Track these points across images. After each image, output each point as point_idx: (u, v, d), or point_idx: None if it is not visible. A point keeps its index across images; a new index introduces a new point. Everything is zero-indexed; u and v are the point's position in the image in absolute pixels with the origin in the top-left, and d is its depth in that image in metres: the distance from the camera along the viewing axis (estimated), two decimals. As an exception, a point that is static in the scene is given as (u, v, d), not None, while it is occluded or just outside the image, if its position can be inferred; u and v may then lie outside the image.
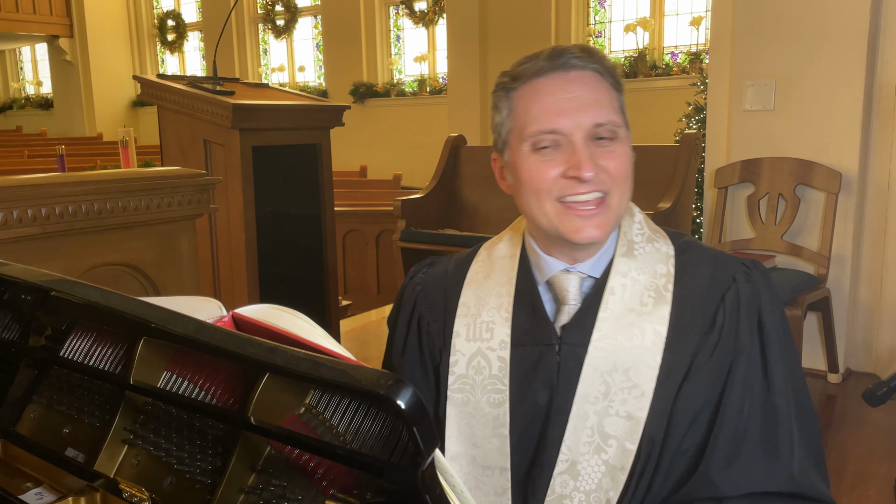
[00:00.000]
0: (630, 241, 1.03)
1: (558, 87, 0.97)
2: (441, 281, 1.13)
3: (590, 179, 0.95)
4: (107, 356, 0.82)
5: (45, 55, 12.20)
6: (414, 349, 1.12)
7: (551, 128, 0.96)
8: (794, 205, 3.28)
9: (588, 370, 0.97)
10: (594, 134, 0.96)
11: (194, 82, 3.06)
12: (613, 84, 0.99)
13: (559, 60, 0.97)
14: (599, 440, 0.96)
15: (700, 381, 0.96)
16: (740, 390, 0.96)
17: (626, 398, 0.96)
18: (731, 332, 0.97)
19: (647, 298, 1.00)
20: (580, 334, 1.00)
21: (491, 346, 1.03)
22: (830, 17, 3.17)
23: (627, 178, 0.99)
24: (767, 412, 0.96)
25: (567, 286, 1.02)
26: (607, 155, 0.96)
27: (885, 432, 2.83)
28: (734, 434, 0.94)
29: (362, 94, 8.99)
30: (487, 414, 1.01)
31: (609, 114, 0.96)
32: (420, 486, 0.58)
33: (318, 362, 0.61)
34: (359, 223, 5.51)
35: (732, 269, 1.01)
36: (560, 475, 0.97)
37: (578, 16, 7.44)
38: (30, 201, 1.72)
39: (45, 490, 0.82)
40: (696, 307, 0.99)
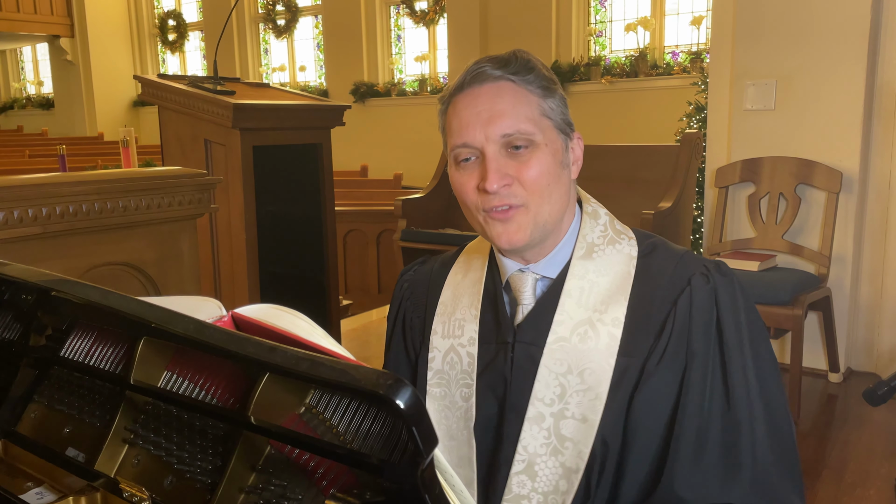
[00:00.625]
0: (590, 244, 1.04)
1: (470, 102, 0.98)
2: (426, 279, 1.17)
3: (495, 192, 0.96)
4: (107, 356, 0.82)
5: (46, 55, 12.21)
6: (399, 344, 1.17)
7: (463, 141, 0.98)
8: (795, 204, 3.28)
9: (543, 372, 0.99)
10: (508, 143, 0.97)
11: (195, 82, 3.07)
12: (535, 90, 0.98)
13: (474, 74, 0.98)
14: (556, 442, 0.97)
15: (652, 388, 0.95)
16: (697, 399, 0.94)
17: (581, 401, 0.97)
18: (682, 338, 0.96)
19: (605, 301, 1.00)
20: (533, 333, 1.02)
21: (462, 343, 1.07)
22: (831, 16, 3.17)
23: (547, 185, 0.98)
24: (727, 422, 0.94)
25: (521, 286, 1.05)
26: (520, 166, 0.97)
27: (885, 432, 2.83)
28: (694, 443, 0.93)
29: (363, 93, 8.99)
30: (460, 407, 1.05)
31: (517, 123, 0.96)
32: (419, 486, 0.58)
33: (318, 362, 0.61)
34: (359, 223, 5.51)
35: (690, 271, 1.00)
36: (517, 475, 0.99)
37: (579, 15, 7.43)
38: (31, 201, 1.72)
39: (46, 490, 0.82)
40: (650, 311, 0.99)
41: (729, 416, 0.94)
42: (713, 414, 0.94)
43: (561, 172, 1.00)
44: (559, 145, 1.00)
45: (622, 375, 0.96)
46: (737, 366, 0.95)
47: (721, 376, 0.96)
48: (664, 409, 0.95)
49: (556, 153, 0.99)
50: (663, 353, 0.96)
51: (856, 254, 3.32)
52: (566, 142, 1.02)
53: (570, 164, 1.03)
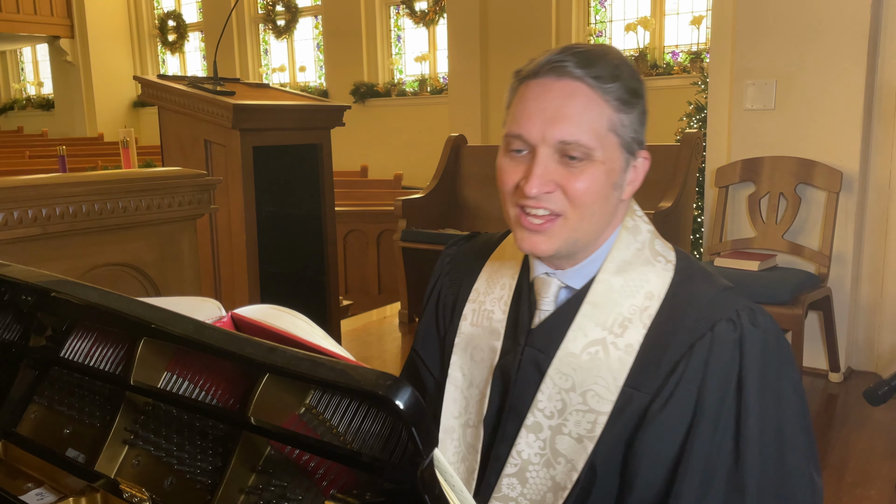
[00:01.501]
0: (623, 261, 0.98)
1: (540, 93, 0.92)
2: (466, 258, 1.16)
3: (533, 196, 0.91)
4: (107, 357, 0.82)
5: (46, 56, 12.21)
6: (431, 317, 1.16)
7: (518, 132, 0.93)
8: (795, 204, 3.28)
9: (548, 383, 0.96)
10: (563, 151, 0.91)
11: (195, 83, 3.07)
12: (613, 102, 0.91)
13: (557, 63, 0.91)
14: (550, 455, 0.96)
15: (654, 434, 0.90)
16: (702, 458, 0.88)
17: (580, 420, 0.93)
18: (690, 387, 0.89)
19: (623, 324, 0.94)
20: (544, 342, 0.99)
21: (487, 332, 1.06)
22: (831, 16, 3.17)
23: (592, 203, 0.92)
24: (733, 487, 0.88)
25: (542, 290, 1.01)
26: (569, 176, 0.91)
27: (886, 431, 2.83)
28: (695, 501, 0.87)
29: (363, 93, 9.00)
30: (475, 397, 1.05)
31: (581, 133, 0.89)
32: (419, 486, 0.58)
33: (317, 362, 0.61)
34: (359, 223, 5.51)
35: (718, 315, 0.91)
36: (509, 477, 0.98)
37: (579, 15, 7.43)
38: (31, 202, 1.72)
39: (46, 490, 0.82)
40: (665, 347, 0.92)
41: (735, 481, 0.88)
42: (717, 474, 0.88)
43: (611, 193, 0.94)
44: (618, 165, 0.93)
45: (625, 406, 0.92)
46: (752, 429, 0.88)
47: (733, 437, 0.88)
48: (666, 457, 0.89)
49: (611, 173, 0.92)
50: (668, 399, 0.89)
51: (856, 253, 3.32)
52: (627, 161, 0.95)
53: (625, 185, 0.96)
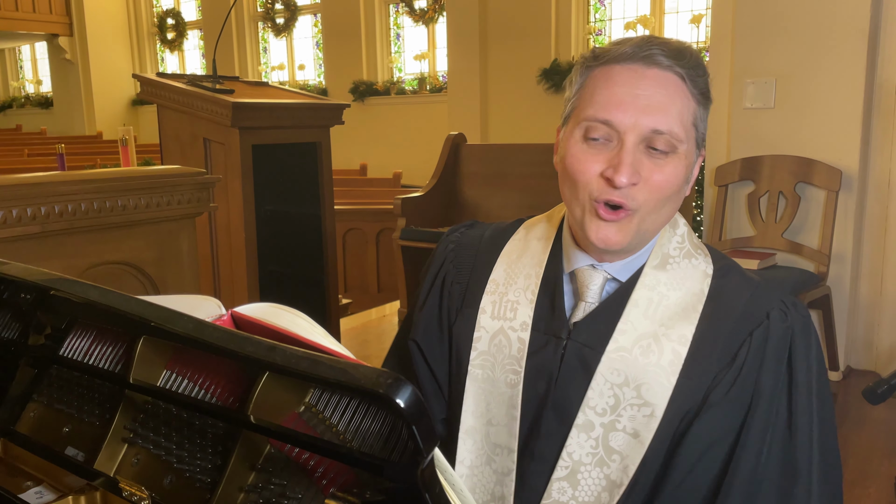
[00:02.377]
0: (665, 254, 0.98)
1: (630, 80, 0.90)
2: (474, 245, 1.12)
3: (623, 186, 0.89)
4: (106, 355, 0.82)
5: (45, 54, 12.20)
6: (434, 305, 1.11)
7: (606, 118, 0.90)
8: (795, 202, 3.28)
9: (599, 380, 0.94)
10: (650, 141, 0.90)
11: (194, 81, 3.06)
12: (697, 96, 0.92)
13: (644, 52, 0.90)
14: (603, 453, 0.94)
15: (712, 419, 0.91)
16: (759, 439, 0.90)
17: (635, 415, 0.93)
18: (752, 374, 0.91)
19: (673, 317, 0.95)
20: (589, 335, 0.97)
21: (513, 327, 1.01)
22: (831, 14, 3.17)
23: (670, 197, 0.92)
24: (786, 466, 0.91)
25: (588, 283, 0.99)
26: (655, 168, 0.90)
27: (885, 430, 2.83)
28: (749, 483, 0.89)
29: (362, 92, 8.99)
30: (504, 393, 1.00)
31: (673, 124, 0.89)
32: (420, 485, 0.58)
33: (317, 361, 0.61)
34: (359, 221, 5.51)
35: (769, 304, 0.94)
36: (559, 481, 0.95)
37: (579, 13, 7.43)
38: (30, 200, 1.72)
39: (45, 489, 0.82)
40: (721, 337, 0.93)
41: (788, 460, 0.91)
42: (772, 458, 0.90)
43: (683, 188, 0.95)
44: (692, 160, 0.95)
45: (681, 398, 0.92)
46: (804, 409, 0.91)
47: (786, 417, 0.92)
48: (719, 441, 0.91)
49: (687, 168, 0.93)
50: (732, 386, 0.91)
51: (855, 252, 3.32)
52: (696, 157, 0.96)
53: (692, 180, 0.97)
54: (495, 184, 4.42)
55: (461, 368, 1.05)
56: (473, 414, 1.03)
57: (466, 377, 1.03)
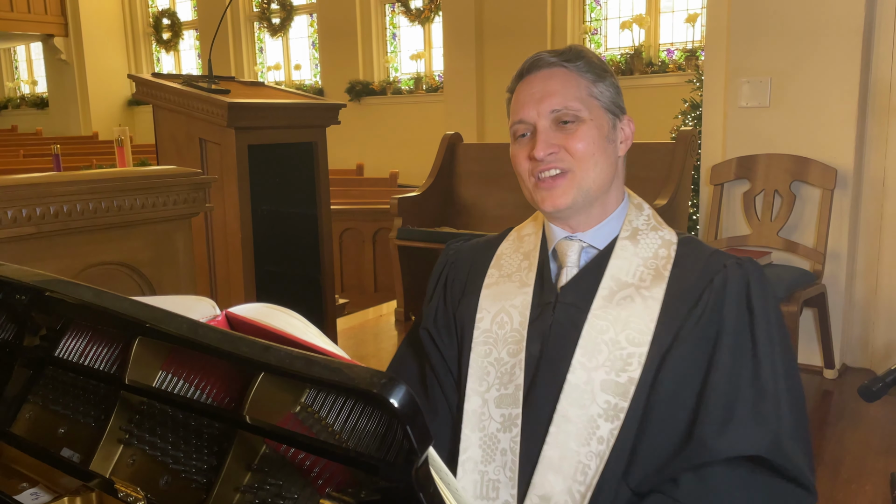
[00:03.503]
0: (635, 228, 1.15)
1: (528, 86, 1.13)
2: (471, 251, 1.30)
3: (542, 159, 1.09)
4: (102, 356, 0.82)
5: (41, 54, 12.17)
6: (439, 298, 1.29)
7: (518, 118, 1.12)
8: (790, 201, 3.29)
9: (586, 336, 1.07)
10: (558, 118, 1.10)
11: (189, 81, 3.06)
12: (586, 74, 1.11)
13: (532, 62, 1.13)
14: (596, 400, 1.05)
15: (684, 352, 1.04)
16: (729, 363, 1.03)
17: (620, 361, 1.05)
18: (716, 309, 1.06)
19: (647, 276, 1.10)
20: (575, 295, 1.12)
21: (514, 304, 1.16)
22: (825, 13, 3.18)
23: (592, 155, 1.10)
24: (755, 387, 1.02)
25: (567, 251, 1.15)
26: (568, 136, 1.10)
27: (880, 427, 2.84)
28: (725, 401, 1.01)
29: (358, 92, 8.99)
30: (506, 363, 1.13)
31: (566, 100, 1.09)
32: (414, 484, 0.58)
33: (312, 361, 0.61)
34: (355, 221, 5.51)
35: (726, 259, 1.11)
36: (556, 427, 1.05)
37: (574, 13, 7.44)
38: (25, 201, 1.72)
39: (41, 490, 0.82)
40: (688, 287, 1.09)
41: (756, 383, 1.02)
42: (742, 379, 1.02)
43: (607, 145, 1.12)
44: (605, 122, 1.12)
45: (658, 340, 1.05)
46: (764, 341, 1.04)
47: (751, 348, 1.04)
48: (694, 372, 1.03)
49: (601, 128, 1.11)
50: (698, 320, 1.05)
51: (850, 250, 3.33)
52: (614, 121, 1.14)
53: (618, 142, 1.14)
54: (492, 183, 4.42)
55: (465, 348, 1.18)
56: (477, 385, 1.14)
57: (471, 354, 1.16)
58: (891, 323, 3.34)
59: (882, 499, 2.34)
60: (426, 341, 1.26)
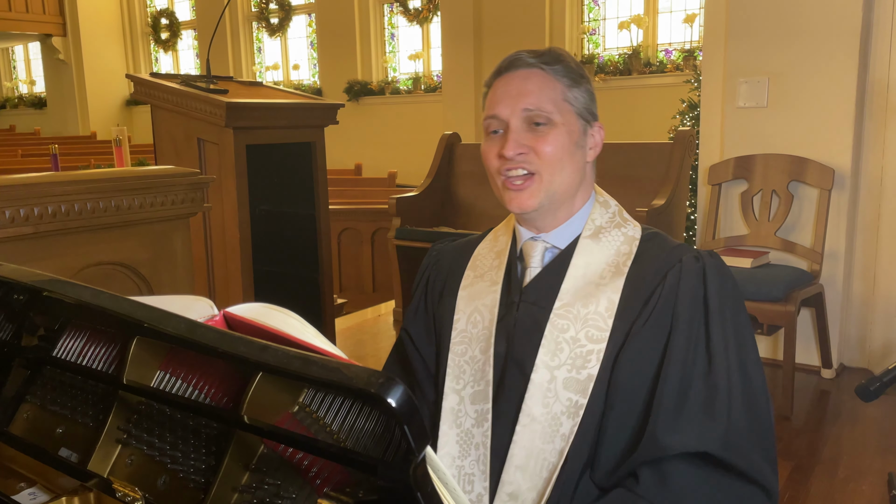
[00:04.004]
0: (598, 227, 1.17)
1: (505, 83, 1.13)
2: (452, 252, 1.32)
3: (511, 158, 1.10)
4: (100, 356, 0.82)
5: (38, 54, 12.15)
6: (420, 300, 1.32)
7: (492, 113, 1.13)
8: (788, 201, 3.29)
9: (548, 336, 1.10)
10: (529, 119, 1.10)
11: (188, 81, 3.06)
12: (562, 79, 1.12)
13: (511, 61, 1.14)
14: (560, 398, 1.07)
15: (636, 348, 1.06)
16: (680, 359, 1.04)
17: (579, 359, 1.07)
18: (668, 305, 1.07)
19: (607, 273, 1.12)
20: (537, 294, 1.14)
21: (485, 303, 1.18)
22: (823, 14, 3.18)
23: (560, 159, 1.10)
24: (707, 386, 1.03)
25: (531, 252, 1.18)
26: (538, 138, 1.10)
27: (878, 427, 2.85)
28: (676, 397, 1.02)
29: (357, 92, 8.98)
30: (478, 360, 1.16)
31: (540, 102, 1.10)
32: (412, 484, 0.58)
33: (310, 361, 0.61)
34: (354, 221, 5.51)
35: (683, 253, 1.11)
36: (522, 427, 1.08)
37: (573, 13, 7.44)
38: (23, 201, 1.72)
39: (39, 490, 0.82)
40: (643, 283, 1.10)
41: (709, 379, 1.03)
42: (695, 374, 1.03)
43: (575, 151, 1.13)
44: (576, 128, 1.13)
45: (615, 336, 1.07)
46: (718, 337, 1.05)
47: (704, 343, 1.05)
48: (648, 368, 1.05)
49: (572, 133, 1.12)
50: (649, 317, 1.07)
51: (848, 250, 3.33)
52: (585, 127, 1.14)
53: (587, 148, 1.15)
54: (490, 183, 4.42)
55: (443, 347, 1.22)
56: (454, 383, 1.17)
57: (448, 353, 1.19)
58: (888, 322, 3.35)
59: (879, 498, 2.34)
60: (406, 343, 1.30)
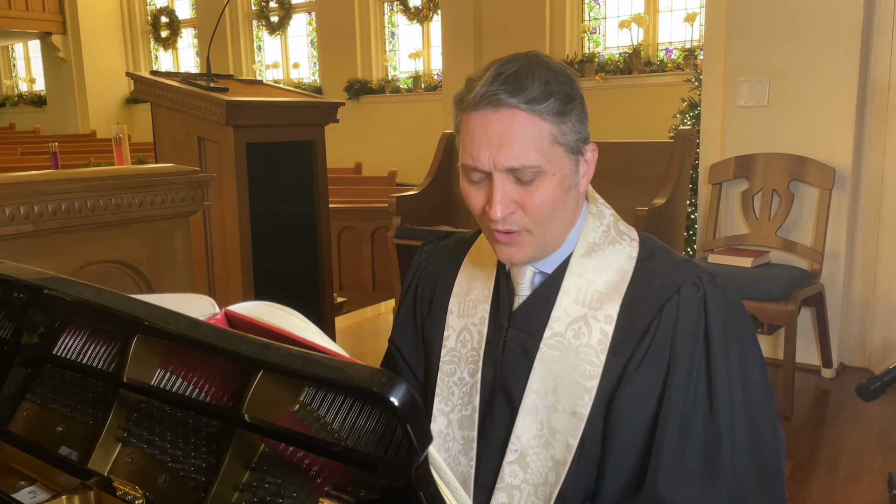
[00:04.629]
0: (591, 243, 1.06)
1: (481, 125, 0.96)
2: (443, 254, 1.23)
3: (498, 220, 0.97)
4: (100, 354, 0.81)
5: (38, 52, 12.15)
6: (409, 308, 1.24)
7: (472, 164, 0.98)
8: (788, 200, 3.29)
9: (539, 366, 1.02)
10: (514, 174, 0.96)
11: (188, 79, 3.05)
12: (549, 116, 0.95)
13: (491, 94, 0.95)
14: (548, 435, 1.01)
15: (633, 390, 0.97)
16: (680, 404, 0.95)
17: (572, 395, 1.00)
18: (664, 344, 0.97)
19: (600, 298, 1.02)
20: (525, 322, 1.06)
21: (474, 322, 1.11)
22: (824, 13, 3.18)
23: (550, 213, 0.98)
24: (709, 433, 0.95)
25: (518, 278, 1.08)
26: (526, 193, 0.97)
27: (878, 427, 2.85)
28: (677, 447, 0.94)
29: (357, 90, 8.98)
30: (467, 383, 1.10)
31: (525, 156, 0.94)
32: (414, 483, 0.58)
33: (311, 359, 0.61)
34: (354, 220, 5.51)
35: (682, 279, 1.00)
36: (510, 464, 1.02)
37: (573, 12, 7.43)
38: (23, 199, 1.71)
39: (39, 488, 0.82)
40: (638, 314, 1.00)
41: (711, 426, 0.95)
42: (695, 421, 0.95)
43: (567, 196, 1.00)
44: (568, 170, 0.99)
45: (610, 373, 0.99)
46: (722, 377, 0.96)
47: (706, 385, 0.96)
48: (645, 411, 0.97)
49: (563, 180, 0.98)
50: (644, 356, 0.98)
51: (849, 250, 3.33)
52: (577, 162, 1.00)
53: (580, 180, 1.02)
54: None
55: (432, 365, 1.15)
56: (443, 405, 1.12)
57: (438, 373, 1.13)
58: (888, 322, 3.35)
59: (879, 498, 2.34)
60: (395, 355, 1.23)
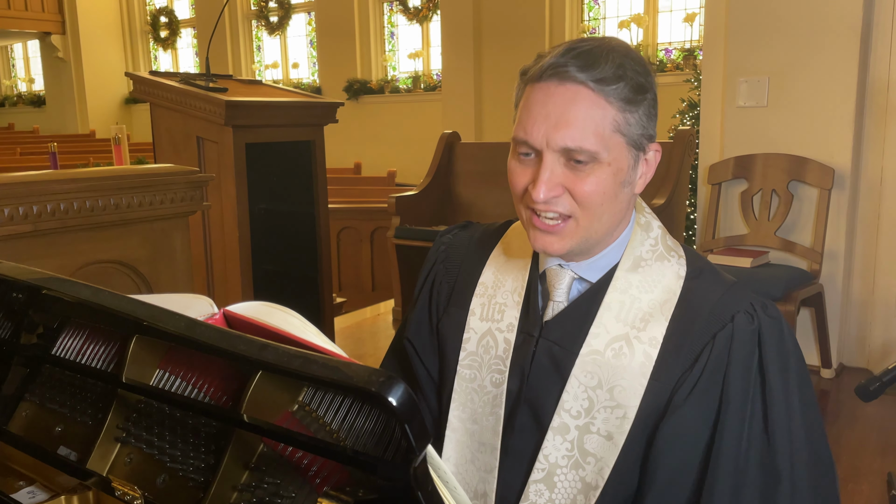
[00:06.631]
0: (637, 257, 0.99)
1: (543, 98, 0.91)
2: (464, 246, 1.14)
3: (542, 201, 0.91)
4: (99, 354, 0.81)
5: (38, 52, 12.15)
6: (424, 304, 1.15)
7: (524, 138, 0.92)
8: (788, 201, 3.29)
9: (573, 382, 0.95)
10: (568, 154, 0.90)
11: (187, 79, 3.05)
12: (617, 103, 0.89)
13: (559, 66, 0.89)
14: (579, 456, 0.95)
15: (678, 423, 0.91)
16: (735, 443, 0.89)
17: (609, 417, 0.93)
18: (717, 376, 0.91)
19: (644, 318, 0.95)
20: (560, 333, 0.99)
21: (500, 328, 1.03)
22: (824, 13, 3.18)
23: (600, 204, 0.92)
24: (767, 471, 0.90)
25: (555, 282, 1.01)
26: (576, 179, 0.91)
27: (877, 427, 2.85)
28: (730, 491, 0.89)
29: (356, 90, 8.98)
30: (489, 392, 1.03)
31: (583, 139, 0.88)
32: (412, 483, 0.58)
33: (310, 359, 0.61)
34: (353, 220, 5.51)
35: (735, 307, 0.94)
36: (536, 483, 0.96)
37: (573, 12, 7.44)
38: (22, 199, 1.71)
39: (38, 489, 0.82)
40: (688, 339, 0.93)
41: (769, 467, 0.90)
42: (750, 462, 0.89)
43: (620, 191, 0.94)
44: (625, 163, 0.93)
45: (651, 399, 0.93)
46: (780, 412, 0.90)
47: (762, 422, 0.91)
48: (691, 446, 0.91)
49: (618, 172, 0.92)
50: (693, 388, 0.91)
51: (848, 250, 3.33)
52: (636, 158, 0.94)
53: (636, 180, 0.96)
54: (489, 182, 4.42)
55: (449, 367, 1.08)
56: (460, 412, 1.05)
57: (455, 376, 1.06)
58: (888, 322, 3.35)
59: (879, 498, 2.34)
60: (410, 353, 1.15)
